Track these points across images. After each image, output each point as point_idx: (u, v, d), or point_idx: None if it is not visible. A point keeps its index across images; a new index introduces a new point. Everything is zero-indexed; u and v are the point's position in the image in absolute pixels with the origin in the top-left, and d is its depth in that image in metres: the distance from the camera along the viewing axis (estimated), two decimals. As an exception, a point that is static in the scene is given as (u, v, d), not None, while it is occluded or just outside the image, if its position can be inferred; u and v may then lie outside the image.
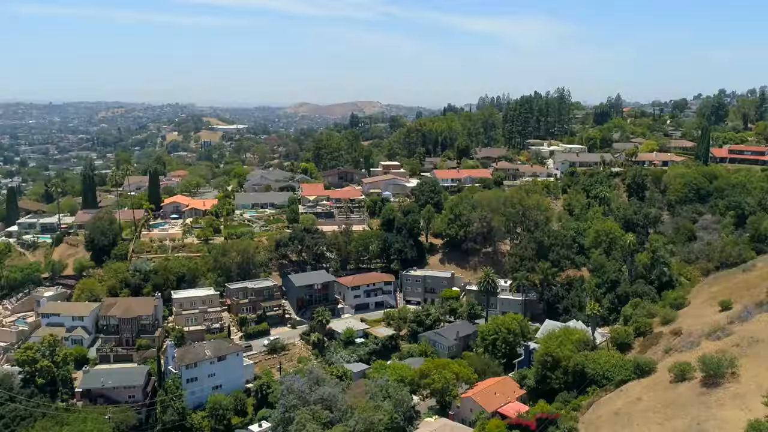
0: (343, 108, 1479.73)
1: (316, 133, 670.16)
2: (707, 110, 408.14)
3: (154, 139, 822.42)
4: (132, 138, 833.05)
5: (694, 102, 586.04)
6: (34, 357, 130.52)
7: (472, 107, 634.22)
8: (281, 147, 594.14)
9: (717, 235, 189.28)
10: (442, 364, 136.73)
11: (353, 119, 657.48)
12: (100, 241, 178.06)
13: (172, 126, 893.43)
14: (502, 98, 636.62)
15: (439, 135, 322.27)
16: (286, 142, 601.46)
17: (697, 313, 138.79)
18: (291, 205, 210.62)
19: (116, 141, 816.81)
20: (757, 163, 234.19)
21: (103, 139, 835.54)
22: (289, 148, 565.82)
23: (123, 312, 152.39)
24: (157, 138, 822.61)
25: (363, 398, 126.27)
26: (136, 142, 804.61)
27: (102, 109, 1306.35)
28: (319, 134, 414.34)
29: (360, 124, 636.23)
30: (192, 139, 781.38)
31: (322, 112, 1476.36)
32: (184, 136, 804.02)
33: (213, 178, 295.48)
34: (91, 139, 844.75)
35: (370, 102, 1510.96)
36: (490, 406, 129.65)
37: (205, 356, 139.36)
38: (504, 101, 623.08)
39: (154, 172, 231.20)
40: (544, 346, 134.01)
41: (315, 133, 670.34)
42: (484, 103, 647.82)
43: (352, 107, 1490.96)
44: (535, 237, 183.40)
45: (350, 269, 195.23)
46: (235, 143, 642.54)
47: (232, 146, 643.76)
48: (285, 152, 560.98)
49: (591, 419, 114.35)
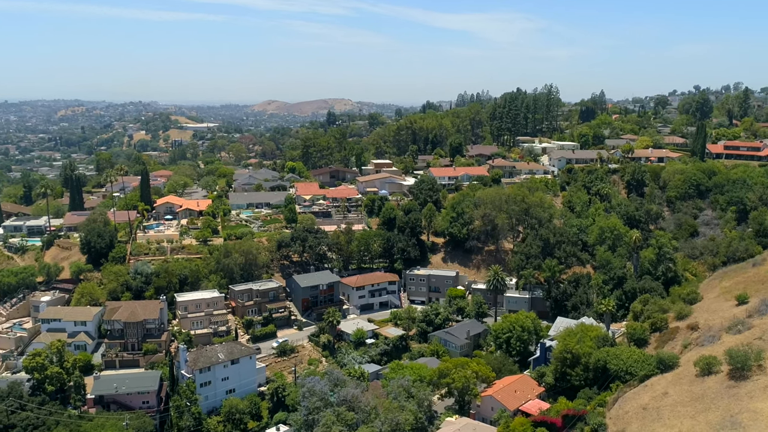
0: (313, 105, 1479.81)
1: (292, 131, 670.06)
2: (691, 107, 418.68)
3: (120, 138, 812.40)
4: (97, 137, 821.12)
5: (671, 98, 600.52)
6: (44, 364, 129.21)
7: (450, 104, 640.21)
8: (256, 146, 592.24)
9: (719, 230, 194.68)
10: (461, 363, 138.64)
11: (330, 117, 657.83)
12: (97, 243, 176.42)
13: (139, 125, 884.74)
14: (483, 95, 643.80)
15: (429, 132, 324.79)
16: (261, 140, 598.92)
17: (712, 307, 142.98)
18: (288, 204, 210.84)
19: (80, 140, 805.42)
20: (753, 158, 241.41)
21: (66, 138, 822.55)
22: (265, 146, 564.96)
23: (128, 316, 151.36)
24: (124, 137, 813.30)
25: (381, 399, 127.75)
26: (101, 141, 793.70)
27: (61, 107, 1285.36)
28: (306, 132, 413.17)
29: (337, 122, 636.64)
30: (161, 138, 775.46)
31: (291, 110, 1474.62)
32: (153, 135, 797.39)
33: (199, 178, 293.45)
34: (53, 138, 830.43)
35: (340, 99, 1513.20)
36: (512, 404, 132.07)
37: (219, 360, 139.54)
38: (485, 98, 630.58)
39: (144, 172, 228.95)
40: (563, 343, 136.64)
41: (290, 131, 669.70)
42: (464, 100, 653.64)
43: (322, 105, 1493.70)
44: (540, 234, 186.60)
45: (352, 269, 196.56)
46: (209, 142, 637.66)
47: (205, 145, 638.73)
48: (261, 151, 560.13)
49: (618, 415, 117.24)
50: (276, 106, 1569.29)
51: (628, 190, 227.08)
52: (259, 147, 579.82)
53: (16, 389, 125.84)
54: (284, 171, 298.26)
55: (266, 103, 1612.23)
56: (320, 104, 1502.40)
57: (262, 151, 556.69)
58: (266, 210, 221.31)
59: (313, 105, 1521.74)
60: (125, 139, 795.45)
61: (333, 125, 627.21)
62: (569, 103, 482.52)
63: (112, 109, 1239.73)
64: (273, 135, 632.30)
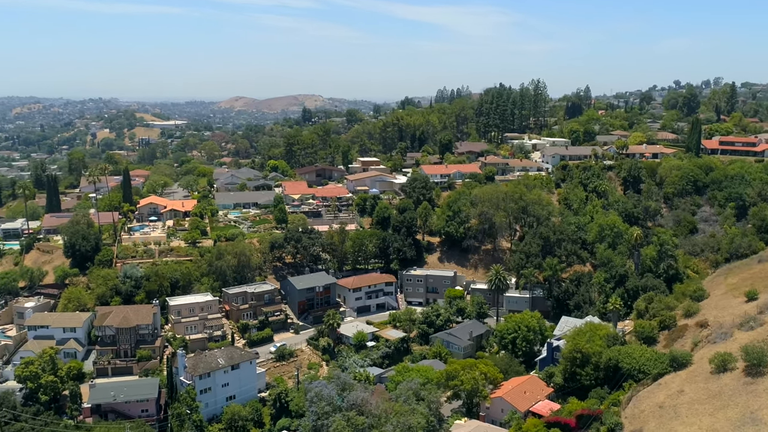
0: (282, 102, 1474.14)
1: (266, 128, 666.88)
2: (678, 102, 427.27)
3: (83, 137, 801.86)
4: (58, 136, 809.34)
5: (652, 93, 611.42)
6: (37, 372, 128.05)
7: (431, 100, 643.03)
8: (229, 144, 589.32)
9: (718, 227, 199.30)
10: (469, 364, 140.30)
11: (305, 113, 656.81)
12: (82, 246, 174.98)
13: (102, 122, 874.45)
14: (463, 90, 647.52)
15: (416, 129, 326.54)
16: (234, 138, 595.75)
17: (721, 304, 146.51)
18: (278, 204, 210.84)
19: (40, 139, 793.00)
20: (748, 154, 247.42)
21: (24, 137, 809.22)
22: (238, 145, 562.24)
23: (120, 321, 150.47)
24: (87, 136, 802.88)
25: (388, 402, 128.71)
26: (63, 140, 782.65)
27: (16, 105, 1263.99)
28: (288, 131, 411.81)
29: (312, 119, 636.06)
30: (126, 137, 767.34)
31: (260, 107, 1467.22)
32: (117, 133, 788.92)
33: (178, 177, 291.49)
34: (10, 137, 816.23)
35: (311, 96, 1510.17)
36: (522, 405, 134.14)
37: (219, 365, 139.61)
38: (465, 94, 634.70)
39: (125, 172, 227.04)
40: (573, 342, 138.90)
41: (264, 128, 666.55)
42: (443, 96, 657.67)
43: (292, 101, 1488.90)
44: (540, 233, 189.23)
45: (347, 270, 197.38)
46: (179, 141, 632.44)
47: (174, 144, 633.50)
48: (234, 149, 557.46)
49: (634, 414, 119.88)
50: (244, 103, 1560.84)
51: (624, 186, 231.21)
52: (232, 145, 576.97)
53: (8, 399, 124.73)
54: (266, 170, 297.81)
55: (233, 100, 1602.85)
56: (290, 101, 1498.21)
57: (236, 150, 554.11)
58: (254, 210, 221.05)
59: (283, 101, 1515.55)
60: (88, 137, 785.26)
61: (308, 122, 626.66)
62: (553, 99, 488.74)
63: (71, 107, 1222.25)
64: (246, 133, 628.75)
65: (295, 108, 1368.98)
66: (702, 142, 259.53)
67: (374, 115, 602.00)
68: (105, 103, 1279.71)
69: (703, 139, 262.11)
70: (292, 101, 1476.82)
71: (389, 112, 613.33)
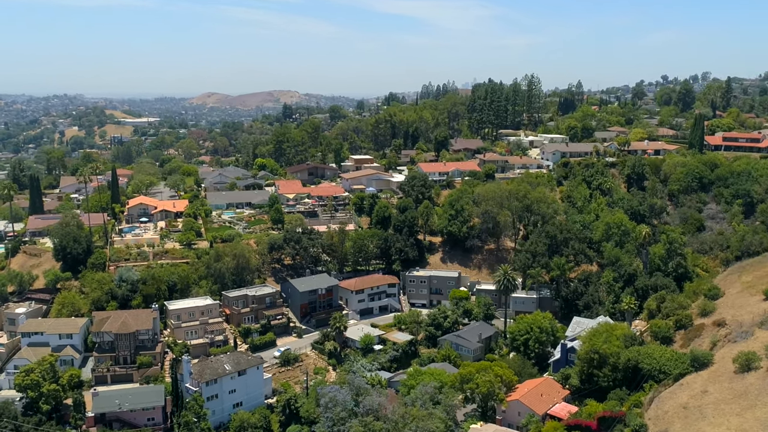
0: (257, 98, 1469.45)
1: (244, 125, 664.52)
2: (671, 97, 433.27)
3: (50, 134, 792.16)
4: (23, 134, 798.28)
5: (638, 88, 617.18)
6: (38, 381, 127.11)
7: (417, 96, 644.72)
8: (207, 142, 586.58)
9: (725, 224, 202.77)
10: (483, 367, 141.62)
11: (285, 110, 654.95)
12: (73, 249, 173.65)
13: (70, 120, 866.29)
14: (449, 86, 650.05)
15: (409, 126, 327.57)
16: (213, 136, 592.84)
17: (737, 303, 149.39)
18: (274, 204, 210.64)
19: (4, 138, 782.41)
20: (752, 150, 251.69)
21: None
22: (217, 142, 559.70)
23: (119, 327, 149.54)
24: (54, 134, 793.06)
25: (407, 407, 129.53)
26: (29, 138, 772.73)
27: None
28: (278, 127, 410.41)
29: (293, 116, 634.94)
30: (96, 135, 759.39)
31: (234, 103, 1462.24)
32: (87, 131, 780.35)
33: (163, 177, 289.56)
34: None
35: (287, 91, 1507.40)
36: (540, 408, 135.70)
37: (226, 371, 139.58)
38: (451, 89, 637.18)
39: (113, 171, 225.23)
40: (590, 343, 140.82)
41: (242, 125, 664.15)
42: (429, 92, 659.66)
43: (267, 97, 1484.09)
44: (547, 231, 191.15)
45: (347, 272, 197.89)
46: (154, 138, 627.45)
47: (149, 142, 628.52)
48: (213, 147, 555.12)
49: (657, 415, 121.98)
50: (216, 99, 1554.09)
51: (628, 184, 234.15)
52: (210, 143, 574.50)
53: (8, 410, 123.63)
54: (254, 168, 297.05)
55: (205, 96, 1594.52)
56: (265, 97, 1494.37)
57: (214, 148, 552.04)
58: (249, 210, 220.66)
59: (258, 98, 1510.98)
60: (56, 135, 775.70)
61: (289, 119, 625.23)
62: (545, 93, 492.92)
63: (35, 103, 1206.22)
64: (225, 130, 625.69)
65: (270, 104, 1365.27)
66: (705, 138, 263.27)
67: (358, 111, 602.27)
68: (71, 100, 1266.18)
69: (705, 135, 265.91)
70: (267, 97, 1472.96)
71: (373, 108, 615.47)
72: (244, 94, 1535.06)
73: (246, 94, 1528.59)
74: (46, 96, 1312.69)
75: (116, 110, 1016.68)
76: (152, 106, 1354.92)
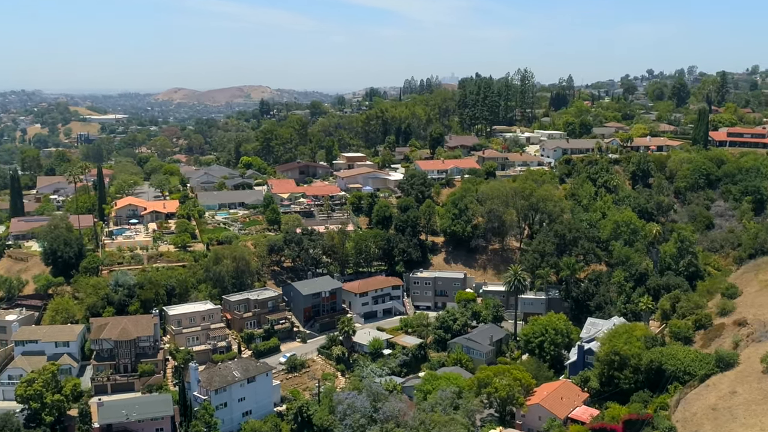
0: (226, 94, 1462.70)
1: (219, 122, 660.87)
2: (664, 92, 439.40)
3: (11, 132, 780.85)
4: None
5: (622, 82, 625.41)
6: (41, 391, 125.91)
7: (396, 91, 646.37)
8: (181, 139, 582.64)
9: (735, 222, 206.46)
10: (501, 370, 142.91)
11: (263, 106, 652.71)
12: (64, 252, 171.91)
13: (32, 117, 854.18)
14: (433, 81, 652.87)
15: (401, 122, 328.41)
16: (187, 134, 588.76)
17: (757, 302, 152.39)
18: (270, 204, 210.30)
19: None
20: (757, 146, 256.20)
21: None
22: (192, 140, 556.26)
23: (118, 334, 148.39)
24: (15, 131, 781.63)
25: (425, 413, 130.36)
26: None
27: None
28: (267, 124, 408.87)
29: (271, 112, 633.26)
30: (60, 132, 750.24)
31: (202, 99, 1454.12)
32: (50, 128, 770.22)
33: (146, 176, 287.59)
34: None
35: (257, 87, 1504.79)
36: (561, 412, 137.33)
37: (235, 378, 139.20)
38: (435, 84, 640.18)
39: (99, 170, 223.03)
40: (610, 344, 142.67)
41: (218, 122, 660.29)
42: (411, 87, 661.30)
43: (237, 93, 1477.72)
44: (556, 230, 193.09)
45: (349, 274, 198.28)
46: (124, 136, 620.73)
47: (118, 140, 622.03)
48: (187, 145, 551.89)
49: (686, 417, 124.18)
50: (183, 95, 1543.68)
51: (633, 181, 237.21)
52: (184, 141, 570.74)
53: (11, 422, 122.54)
54: (240, 167, 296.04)
55: (172, 92, 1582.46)
56: (235, 92, 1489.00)
57: (189, 146, 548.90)
58: (243, 211, 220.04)
59: (227, 93, 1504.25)
60: (17, 133, 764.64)
61: (266, 115, 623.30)
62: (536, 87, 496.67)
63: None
64: (199, 127, 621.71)
65: (240, 100, 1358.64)
66: (709, 134, 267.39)
67: (339, 108, 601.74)
68: (29, 96, 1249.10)
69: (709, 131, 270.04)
70: (236, 93, 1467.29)
71: (354, 104, 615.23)
72: (213, 90, 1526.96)
73: (215, 90, 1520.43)
74: (3, 92, 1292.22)
75: (79, 107, 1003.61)
76: (116, 102, 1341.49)
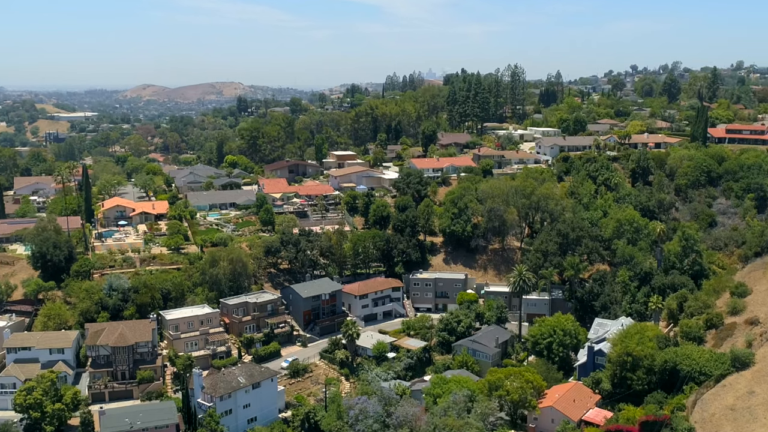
0: (198, 90, 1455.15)
1: (195, 120, 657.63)
2: (653, 88, 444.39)
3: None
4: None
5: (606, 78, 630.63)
6: (41, 400, 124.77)
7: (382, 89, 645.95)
8: (156, 138, 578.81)
9: (737, 219, 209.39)
10: (513, 373, 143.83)
11: (241, 103, 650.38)
12: (54, 256, 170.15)
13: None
14: (416, 77, 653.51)
15: (392, 119, 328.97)
16: (162, 132, 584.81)
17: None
18: (263, 205, 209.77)
19: None
20: (757, 142, 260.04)
21: None
22: (167, 138, 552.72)
23: (116, 340, 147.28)
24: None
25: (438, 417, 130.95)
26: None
27: None
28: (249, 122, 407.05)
29: (249, 109, 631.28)
30: (28, 131, 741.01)
31: (172, 96, 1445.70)
32: (17, 127, 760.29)
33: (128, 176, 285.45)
34: None
35: (230, 83, 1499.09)
36: (574, 414, 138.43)
37: (240, 384, 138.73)
38: (418, 81, 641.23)
39: (85, 170, 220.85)
40: (622, 345, 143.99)
41: (193, 120, 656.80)
42: (394, 83, 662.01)
43: (208, 89, 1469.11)
44: (558, 229, 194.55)
45: (347, 276, 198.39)
46: (95, 135, 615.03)
47: (89, 138, 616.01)
48: (162, 144, 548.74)
49: (704, 418, 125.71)
50: (153, 92, 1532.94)
51: (633, 179, 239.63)
52: (159, 139, 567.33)
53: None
54: (225, 166, 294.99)
55: (141, 88, 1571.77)
56: (206, 89, 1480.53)
57: (164, 144, 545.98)
58: (235, 211, 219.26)
59: (198, 90, 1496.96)
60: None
61: (244, 113, 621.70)
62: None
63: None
64: (174, 125, 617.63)
65: (212, 97, 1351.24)
66: (708, 131, 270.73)
67: (320, 105, 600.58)
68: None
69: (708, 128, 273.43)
70: (208, 89, 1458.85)
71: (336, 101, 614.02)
72: (184, 87, 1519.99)
73: (185, 87, 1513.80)
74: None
75: (44, 104, 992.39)
76: (82, 100, 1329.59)
